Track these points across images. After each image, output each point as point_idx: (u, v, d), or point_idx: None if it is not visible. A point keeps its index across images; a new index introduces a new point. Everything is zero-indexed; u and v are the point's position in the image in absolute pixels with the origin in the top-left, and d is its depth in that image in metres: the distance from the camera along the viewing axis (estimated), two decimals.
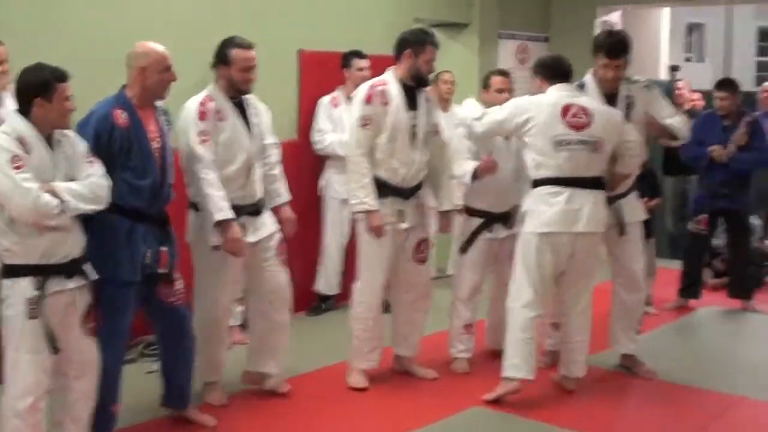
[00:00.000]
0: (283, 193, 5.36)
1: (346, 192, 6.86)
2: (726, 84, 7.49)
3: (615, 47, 5.37)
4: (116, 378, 4.44)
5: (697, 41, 15.59)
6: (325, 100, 7.10)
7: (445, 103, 7.98)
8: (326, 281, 7.24)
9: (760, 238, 8.66)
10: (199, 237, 4.96)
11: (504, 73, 5.94)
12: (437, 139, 5.59)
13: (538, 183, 5.21)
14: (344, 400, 5.32)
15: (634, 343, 5.84)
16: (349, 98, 6.98)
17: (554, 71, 5.35)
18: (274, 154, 5.33)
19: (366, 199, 5.26)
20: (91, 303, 4.11)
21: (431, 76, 5.63)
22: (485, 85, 5.87)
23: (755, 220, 8.62)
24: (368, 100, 5.30)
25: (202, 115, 4.86)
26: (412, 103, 5.38)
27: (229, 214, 4.81)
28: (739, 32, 16.40)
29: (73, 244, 4.01)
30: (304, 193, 6.92)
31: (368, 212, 5.29)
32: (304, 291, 7.09)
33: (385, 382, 5.58)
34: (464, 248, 5.81)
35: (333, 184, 7.12)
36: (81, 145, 4.10)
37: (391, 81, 5.37)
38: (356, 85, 6.94)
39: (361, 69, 7.02)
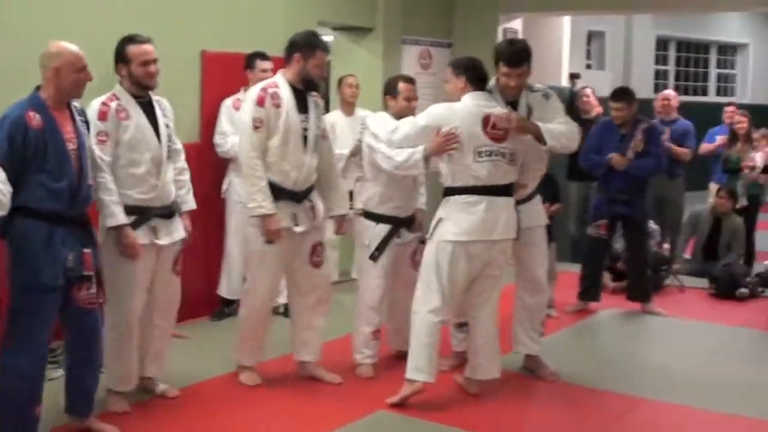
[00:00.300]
0: (188, 200, 5.29)
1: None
2: (621, 94, 7.55)
3: (516, 56, 5.38)
4: (40, 381, 4.38)
5: (598, 49, 15.86)
6: (228, 102, 7.00)
7: (349, 106, 7.97)
8: (229, 285, 7.13)
9: (658, 242, 8.85)
10: (109, 240, 4.84)
11: (411, 80, 5.90)
12: (325, 143, 5.61)
13: (454, 191, 5.21)
14: (249, 405, 5.24)
15: (537, 344, 5.89)
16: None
17: (478, 76, 5.31)
18: (182, 159, 5.27)
19: (263, 202, 5.23)
20: None
21: (324, 80, 5.68)
22: (392, 91, 5.80)
23: (653, 225, 8.81)
24: (260, 102, 5.27)
25: (102, 115, 4.79)
26: (302, 106, 5.38)
27: (121, 219, 4.74)
28: (638, 41, 16.76)
29: None
30: (207, 196, 6.81)
31: (265, 216, 5.25)
32: (208, 295, 7.00)
33: (288, 387, 5.53)
34: (376, 256, 5.74)
35: (236, 187, 7.00)
36: None
37: (281, 83, 5.35)
38: None
39: (264, 70, 6.94)
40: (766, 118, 9.96)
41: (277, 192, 5.30)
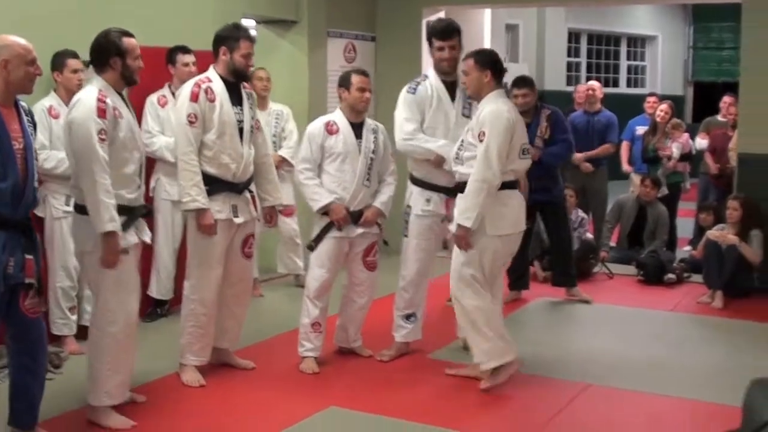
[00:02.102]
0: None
1: (178, 194, 6.68)
2: (524, 81, 7.56)
3: (446, 29, 5.74)
4: None
5: (512, 42, 15.97)
6: (153, 98, 6.82)
7: (262, 100, 7.81)
8: (159, 286, 6.97)
9: (586, 230, 8.92)
10: (98, 244, 4.61)
11: (365, 73, 5.82)
12: (260, 134, 5.68)
13: (509, 186, 5.32)
14: (190, 407, 5.11)
15: None
16: (175, 96, 6.76)
17: (500, 71, 5.38)
18: None
19: (198, 197, 5.24)
20: None
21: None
22: (345, 83, 5.70)
23: (582, 214, 8.89)
24: (194, 98, 5.30)
25: (102, 113, 4.56)
26: (235, 98, 5.42)
27: (118, 226, 4.58)
28: (551, 34, 16.93)
29: None
30: None
31: (199, 210, 5.24)
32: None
33: (229, 383, 5.46)
34: (312, 246, 5.73)
35: (164, 185, 6.85)
36: None
37: (214, 77, 5.38)
38: (182, 81, 6.72)
39: (186, 64, 6.82)
40: (676, 108, 10.13)
41: (218, 185, 5.33)
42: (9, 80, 4.13)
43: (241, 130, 5.39)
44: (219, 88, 5.34)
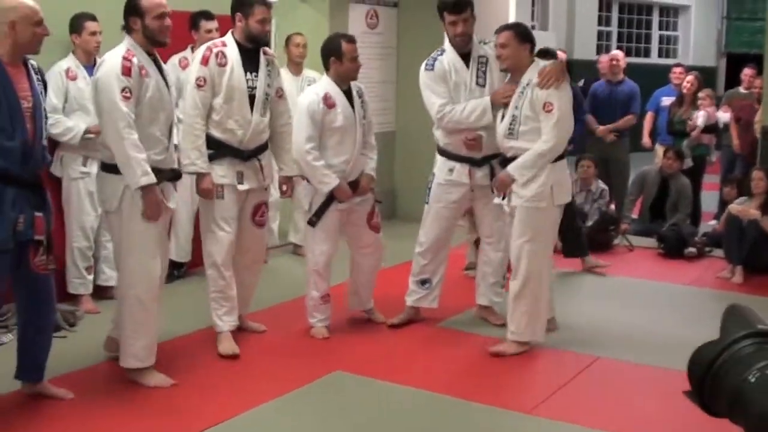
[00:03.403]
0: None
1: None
2: (547, 52, 7.48)
3: (458, 2, 5.61)
4: None
5: (542, 10, 15.81)
6: (174, 60, 6.82)
7: (296, 66, 7.85)
8: (177, 248, 7.00)
9: (607, 202, 8.86)
10: (125, 202, 4.67)
11: (353, 40, 5.72)
12: (281, 102, 5.60)
13: (560, 156, 5.38)
14: (206, 369, 5.15)
15: (500, 297, 6.03)
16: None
17: (534, 45, 5.52)
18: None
19: (197, 161, 5.26)
20: None
21: (277, 38, 5.59)
22: (336, 53, 5.59)
23: (602, 185, 8.83)
24: (204, 61, 5.31)
25: (127, 71, 4.60)
26: (251, 65, 5.36)
27: (153, 178, 4.62)
28: (582, 2, 16.73)
29: None
30: None
31: (198, 174, 5.27)
32: None
33: (242, 347, 5.46)
34: (313, 221, 5.66)
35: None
36: None
37: (230, 42, 5.37)
38: None
39: (209, 31, 6.81)
40: (707, 80, 10.01)
41: (223, 149, 5.34)
42: (16, 41, 4.15)
43: (252, 97, 5.34)
44: (233, 53, 5.32)
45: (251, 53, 5.39)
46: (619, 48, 16.54)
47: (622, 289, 7.31)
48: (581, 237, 7.80)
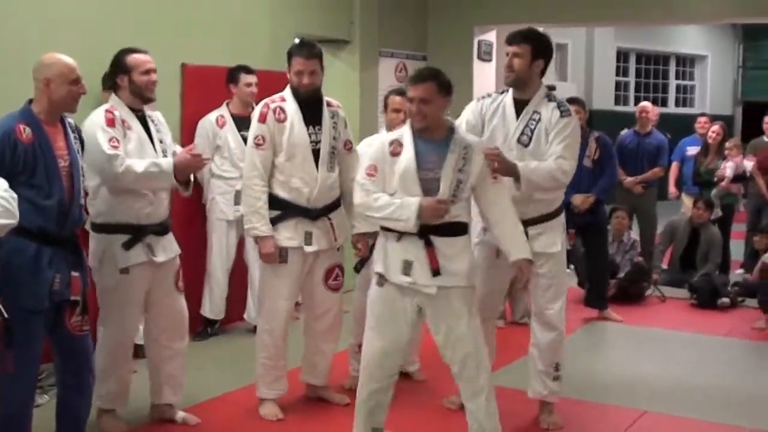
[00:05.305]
0: None
1: (232, 213, 6.71)
2: (576, 100, 7.45)
3: (511, 34, 4.97)
4: (27, 413, 4.16)
5: (561, 61, 15.91)
6: (212, 117, 6.86)
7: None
8: (212, 305, 6.98)
9: (638, 253, 8.83)
10: (105, 260, 4.70)
11: (402, 93, 5.38)
12: (351, 155, 5.26)
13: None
14: (250, 428, 5.09)
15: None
16: (234, 116, 6.80)
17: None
18: None
19: (258, 224, 5.01)
20: None
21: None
22: (384, 105, 5.70)
23: (634, 236, 8.82)
24: (261, 118, 5.05)
25: (110, 122, 4.61)
26: (314, 118, 5.09)
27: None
28: (600, 53, 16.84)
29: None
30: (188, 213, 6.71)
31: (260, 238, 5.05)
32: (190, 316, 6.83)
33: (297, 409, 5.36)
34: (359, 268, 5.41)
35: (218, 204, 6.89)
36: None
37: (288, 97, 5.12)
38: (243, 101, 6.81)
39: (249, 84, 6.84)
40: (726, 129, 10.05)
41: (290, 209, 5.06)
42: (51, 99, 4.13)
43: (316, 152, 5.06)
44: (292, 107, 5.05)
45: (312, 106, 5.12)
46: (636, 98, 16.63)
47: (658, 341, 7.27)
48: (605, 291, 7.86)
